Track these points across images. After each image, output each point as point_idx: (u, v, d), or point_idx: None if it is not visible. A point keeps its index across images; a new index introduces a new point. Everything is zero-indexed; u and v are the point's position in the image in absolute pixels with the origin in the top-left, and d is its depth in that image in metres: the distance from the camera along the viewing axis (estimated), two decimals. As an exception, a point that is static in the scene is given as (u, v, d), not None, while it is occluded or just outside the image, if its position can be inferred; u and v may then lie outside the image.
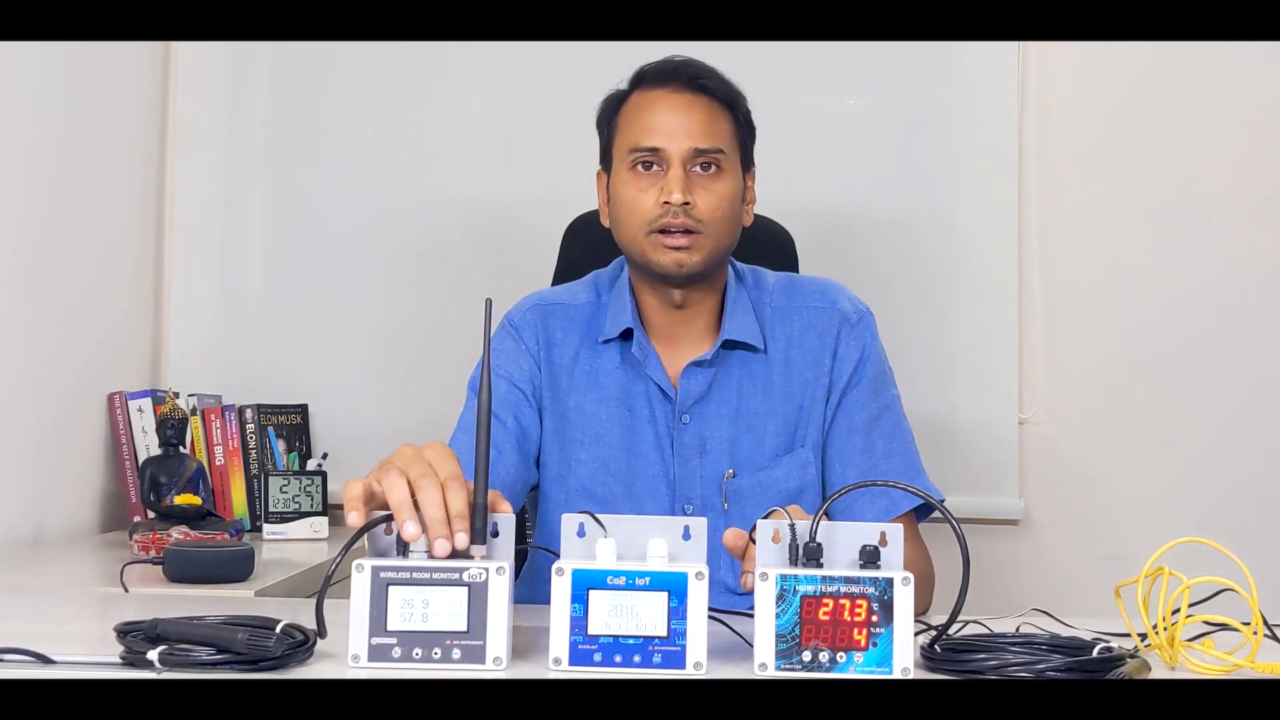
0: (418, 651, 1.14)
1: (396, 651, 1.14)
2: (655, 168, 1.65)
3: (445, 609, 1.14)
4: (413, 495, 1.18)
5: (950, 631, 1.19)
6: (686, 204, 1.62)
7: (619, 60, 1.74)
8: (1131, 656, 1.15)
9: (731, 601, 1.64)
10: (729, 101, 1.68)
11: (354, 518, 1.19)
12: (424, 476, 1.19)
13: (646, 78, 1.70)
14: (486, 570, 1.15)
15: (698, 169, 1.64)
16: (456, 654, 1.14)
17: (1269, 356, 2.55)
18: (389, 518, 1.19)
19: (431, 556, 1.16)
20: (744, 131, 1.71)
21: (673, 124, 1.64)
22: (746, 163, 1.72)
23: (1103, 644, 1.16)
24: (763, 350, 1.71)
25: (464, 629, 1.14)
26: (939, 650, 1.17)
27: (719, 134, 1.66)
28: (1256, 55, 2.54)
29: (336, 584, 1.20)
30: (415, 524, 1.16)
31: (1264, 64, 2.55)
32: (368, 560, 1.16)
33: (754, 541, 1.20)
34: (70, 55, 2.31)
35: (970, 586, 1.17)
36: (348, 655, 1.15)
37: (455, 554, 1.17)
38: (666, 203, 1.62)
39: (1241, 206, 2.56)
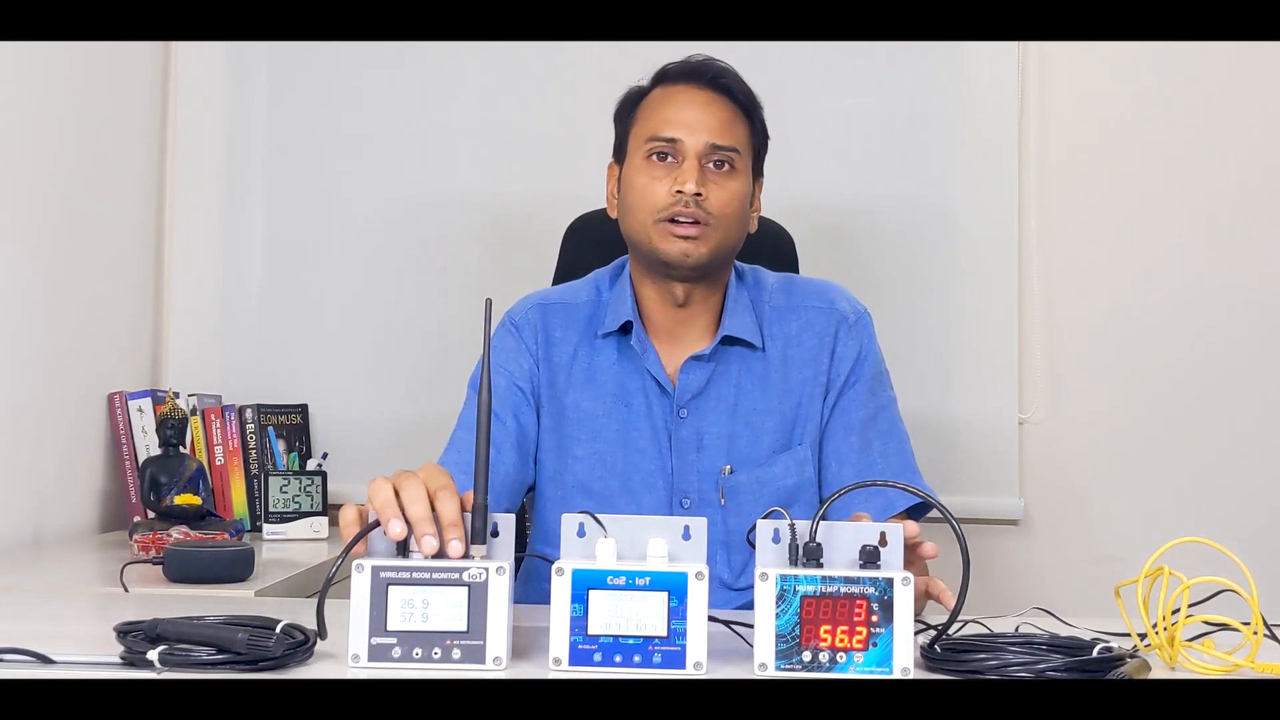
0: (418, 651, 1.14)
1: (396, 651, 1.14)
2: (670, 159, 1.66)
3: (445, 609, 1.14)
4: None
5: (950, 631, 1.19)
6: (699, 195, 1.63)
7: (619, 60, 1.75)
8: (1131, 656, 1.15)
9: (729, 598, 1.64)
10: (748, 106, 1.70)
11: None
12: (409, 479, 1.20)
13: (669, 74, 1.72)
14: (486, 570, 1.15)
15: (712, 165, 1.66)
16: (456, 654, 1.14)
17: (1269, 356, 2.55)
18: (389, 518, 1.19)
19: (424, 556, 1.16)
20: (758, 139, 1.72)
21: (692, 118, 1.66)
22: (757, 170, 1.73)
23: (1103, 644, 1.16)
24: (761, 348, 1.72)
25: (464, 629, 1.14)
26: (939, 650, 1.17)
27: (736, 134, 1.68)
28: (1257, 55, 2.54)
29: (337, 584, 1.20)
30: (400, 522, 1.16)
31: (1264, 64, 2.55)
32: (368, 560, 1.16)
33: (751, 543, 1.20)
34: (70, 55, 2.31)
35: (970, 586, 1.17)
36: (348, 655, 1.15)
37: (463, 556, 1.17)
38: (679, 192, 1.64)
39: (1242, 206, 2.56)
